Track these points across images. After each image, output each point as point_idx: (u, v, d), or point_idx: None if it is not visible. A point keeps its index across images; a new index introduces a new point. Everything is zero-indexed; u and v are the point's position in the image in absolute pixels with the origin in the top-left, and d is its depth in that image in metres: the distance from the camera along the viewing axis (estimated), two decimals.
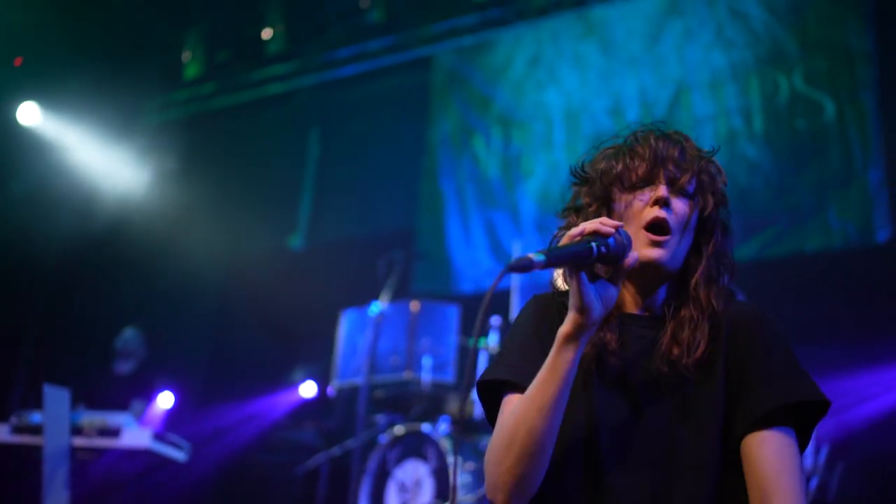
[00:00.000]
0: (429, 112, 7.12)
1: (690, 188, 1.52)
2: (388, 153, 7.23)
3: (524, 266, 1.27)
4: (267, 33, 7.65)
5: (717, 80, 5.87)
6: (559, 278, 1.59)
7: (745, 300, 1.58)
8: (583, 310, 1.35)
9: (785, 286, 5.02)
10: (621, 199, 1.52)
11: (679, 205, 1.49)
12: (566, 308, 1.40)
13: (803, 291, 5.03)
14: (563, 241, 1.36)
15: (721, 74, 5.87)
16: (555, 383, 1.37)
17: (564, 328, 1.38)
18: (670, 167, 1.51)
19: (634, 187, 1.51)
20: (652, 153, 1.51)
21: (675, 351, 1.45)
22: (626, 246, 1.38)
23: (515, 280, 5.14)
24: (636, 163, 1.52)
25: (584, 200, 1.58)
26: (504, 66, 6.85)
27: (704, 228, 1.53)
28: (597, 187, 1.56)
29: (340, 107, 7.68)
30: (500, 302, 5.29)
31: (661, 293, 1.53)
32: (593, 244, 1.33)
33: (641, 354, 1.49)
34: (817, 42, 5.60)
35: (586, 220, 1.42)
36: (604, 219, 1.38)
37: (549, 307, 1.59)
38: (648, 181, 1.51)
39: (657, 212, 1.47)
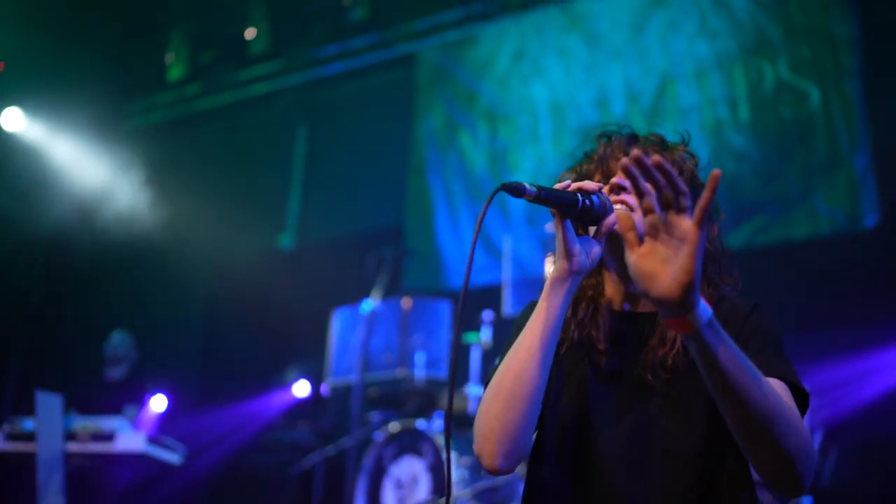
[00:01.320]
0: (414, 108, 7.12)
1: None
2: (376, 150, 7.23)
3: (517, 188, 1.35)
4: (250, 33, 7.62)
5: (702, 70, 5.89)
6: (550, 266, 1.61)
7: (732, 292, 1.57)
8: (567, 255, 1.42)
9: (774, 274, 5.04)
10: None
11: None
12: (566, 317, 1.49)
13: (792, 279, 5.06)
14: (555, 187, 1.44)
15: (706, 64, 5.89)
16: (541, 327, 1.42)
17: (552, 275, 1.45)
18: (620, 156, 1.57)
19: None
20: (600, 155, 1.61)
21: (661, 352, 1.47)
22: (607, 206, 1.45)
23: (508, 275, 5.16)
24: (587, 167, 1.62)
25: None
26: (488, 60, 6.85)
27: None
28: None
29: (326, 105, 7.66)
30: (492, 296, 5.31)
31: None
32: (579, 195, 1.42)
33: (630, 350, 1.51)
34: (801, 30, 5.62)
35: None
36: (587, 181, 1.47)
37: None
38: (608, 177, 1.57)
39: (612, 195, 1.51)
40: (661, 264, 1.16)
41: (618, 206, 1.48)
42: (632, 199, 1.50)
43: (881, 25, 5.40)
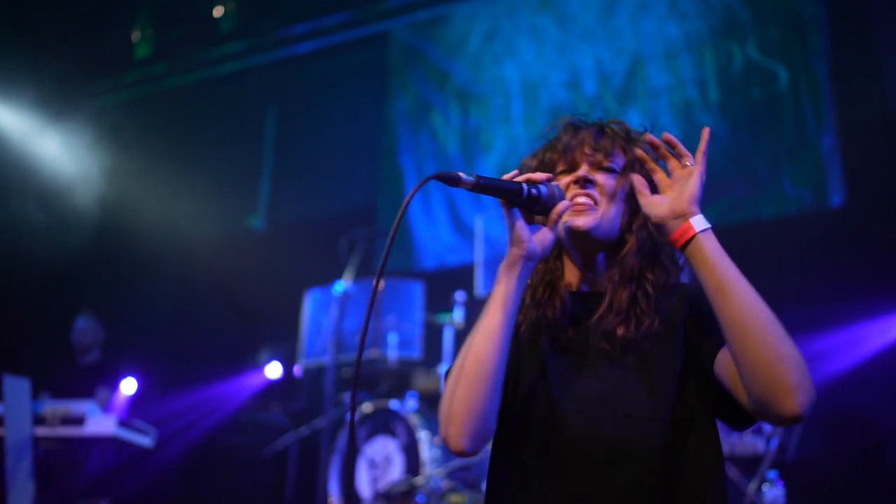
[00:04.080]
0: (386, 88, 7.07)
1: (615, 164, 1.60)
2: (347, 130, 7.18)
3: (451, 178, 1.39)
4: (218, 11, 7.51)
5: (672, 52, 5.92)
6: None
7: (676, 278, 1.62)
8: (516, 241, 1.48)
9: (742, 252, 5.08)
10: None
11: (603, 178, 1.59)
12: (524, 302, 1.59)
13: (760, 257, 5.12)
14: (503, 178, 1.49)
15: (676, 45, 5.92)
16: (496, 311, 1.47)
17: (504, 262, 1.50)
18: (586, 150, 1.60)
19: (563, 174, 1.62)
20: (563, 144, 1.63)
21: (619, 330, 1.52)
22: (556, 195, 1.49)
23: (480, 255, 5.17)
24: (551, 156, 1.64)
25: None
26: (461, 40, 6.83)
27: (635, 202, 1.57)
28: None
29: (297, 85, 7.59)
30: (464, 277, 5.33)
31: (601, 267, 1.61)
32: (524, 185, 1.46)
33: (586, 324, 1.56)
34: (770, 11, 5.67)
35: None
36: (537, 172, 1.52)
37: None
38: (573, 167, 1.61)
39: (577, 189, 1.57)
40: (675, 192, 1.46)
41: (581, 199, 1.55)
42: (595, 192, 1.57)
43: (846, 6, 5.46)
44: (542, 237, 1.50)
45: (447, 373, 1.59)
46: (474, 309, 5.03)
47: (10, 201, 6.88)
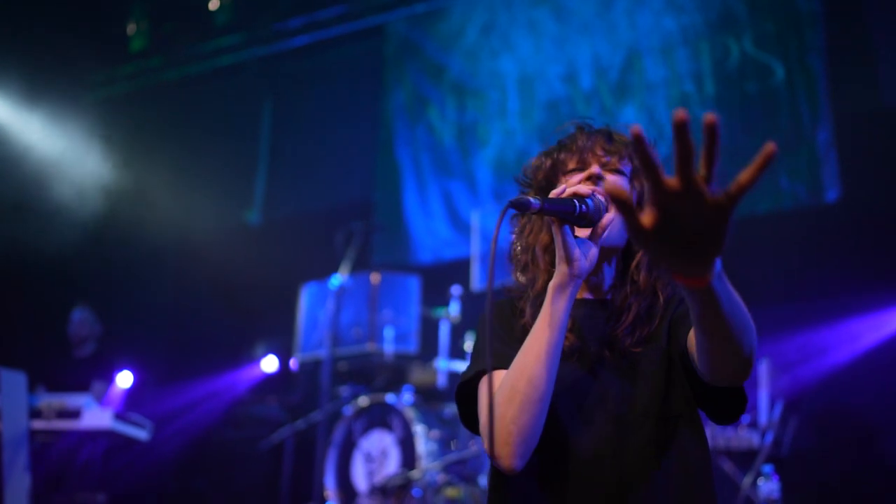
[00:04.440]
0: (383, 81, 7.06)
1: (625, 168, 1.62)
2: (344, 124, 7.17)
3: (523, 204, 1.41)
4: (214, 4, 7.48)
5: (669, 45, 5.92)
6: (517, 273, 1.69)
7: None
8: (569, 261, 1.47)
9: (737, 247, 5.10)
10: (561, 184, 1.62)
11: (613, 179, 1.60)
12: (519, 309, 1.62)
13: (755, 252, 5.14)
14: (551, 195, 1.49)
15: (672, 39, 5.92)
16: (549, 331, 1.47)
17: (554, 280, 1.49)
18: (598, 152, 1.62)
19: (573, 172, 1.63)
20: (579, 146, 1.64)
21: (626, 341, 1.56)
22: (602, 207, 1.49)
23: (476, 249, 5.17)
24: (565, 156, 1.65)
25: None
26: (457, 33, 6.81)
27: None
28: (540, 181, 1.68)
29: (293, 78, 7.57)
30: (460, 271, 5.33)
31: (608, 276, 1.63)
32: (576, 201, 1.46)
33: (589, 331, 1.60)
34: (766, 5, 5.67)
35: None
36: (580, 185, 1.52)
37: (503, 309, 1.71)
38: (582, 168, 1.62)
39: (587, 186, 1.56)
40: (681, 236, 1.01)
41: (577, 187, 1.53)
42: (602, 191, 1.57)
43: (842, 1, 5.46)
44: (591, 253, 1.50)
45: (461, 384, 1.61)
46: (470, 303, 5.05)
47: (3, 193, 6.86)
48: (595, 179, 1.58)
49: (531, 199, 1.40)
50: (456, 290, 5.02)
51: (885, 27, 5.31)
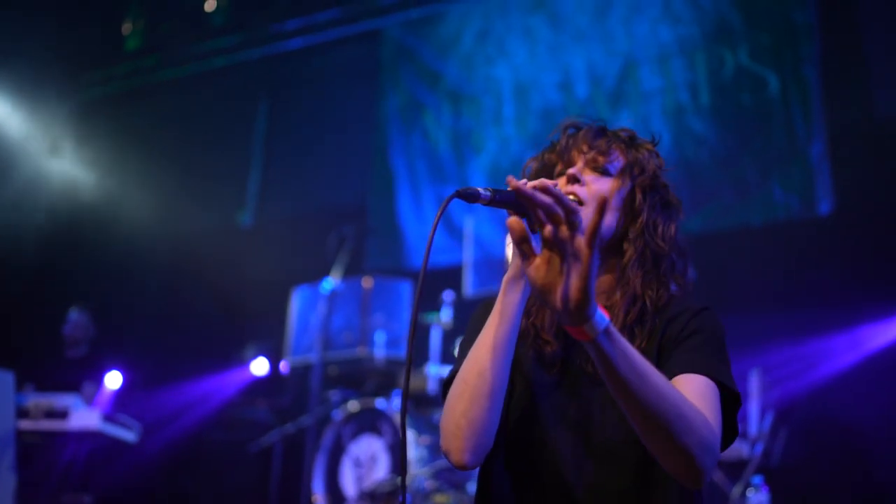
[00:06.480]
0: (378, 86, 7.06)
1: (611, 167, 1.58)
2: (338, 127, 7.16)
3: (471, 195, 1.32)
4: (210, 5, 7.47)
5: (665, 55, 5.93)
6: (509, 250, 1.62)
7: (679, 291, 1.59)
8: (524, 254, 1.42)
9: (730, 258, 5.13)
10: None
11: (594, 180, 1.55)
12: None
13: (748, 263, 5.15)
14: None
15: (668, 49, 5.93)
16: (501, 324, 1.44)
17: (508, 273, 1.46)
18: (584, 148, 1.58)
19: (560, 174, 1.59)
20: (563, 143, 1.60)
21: None
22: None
23: (469, 255, 5.17)
24: (552, 157, 1.62)
25: None
26: (453, 39, 6.82)
27: (632, 210, 1.56)
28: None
29: (288, 80, 7.56)
30: (453, 277, 5.32)
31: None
32: None
33: (574, 345, 1.53)
34: (761, 17, 5.69)
35: None
36: (543, 179, 1.44)
37: (489, 309, 1.65)
38: (569, 167, 1.58)
39: (567, 186, 1.53)
40: (557, 276, 1.15)
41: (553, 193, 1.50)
42: (582, 191, 1.53)
43: (837, 14, 5.49)
44: None
45: (445, 382, 1.57)
46: (462, 309, 5.04)
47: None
48: (571, 180, 1.54)
49: (480, 190, 1.32)
50: (448, 295, 5.01)
51: (879, 40, 5.34)
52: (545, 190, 1.13)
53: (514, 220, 1.16)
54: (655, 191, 1.59)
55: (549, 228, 1.15)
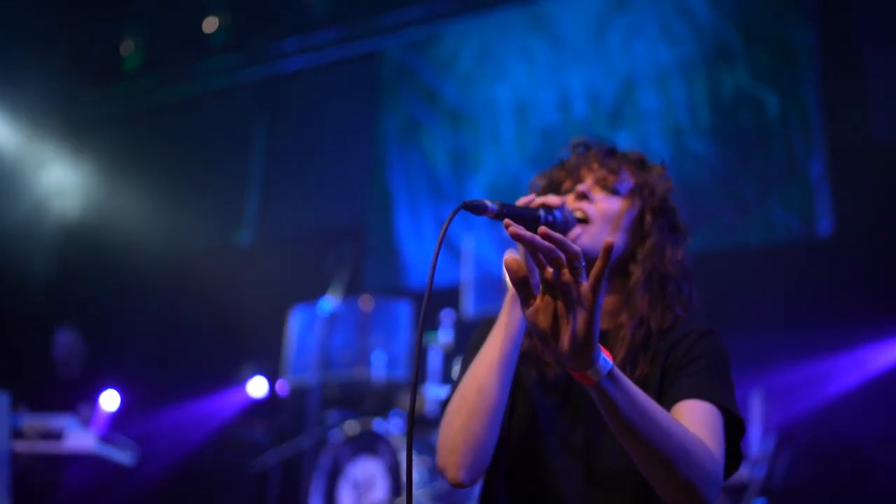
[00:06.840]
0: (377, 105, 7.07)
1: (620, 187, 1.57)
2: (338, 147, 7.17)
3: (478, 206, 1.31)
4: (210, 24, 7.50)
5: (664, 75, 5.95)
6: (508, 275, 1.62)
7: (684, 313, 1.57)
8: (523, 297, 1.40)
9: (730, 278, 5.11)
10: None
11: (603, 198, 1.55)
12: None
13: (748, 283, 5.13)
14: (518, 203, 1.45)
15: (667, 69, 5.95)
16: (501, 342, 1.43)
17: (511, 291, 1.45)
18: (594, 166, 1.58)
19: (568, 191, 1.59)
20: (573, 160, 1.61)
21: None
22: (570, 220, 1.47)
23: (469, 275, 5.15)
24: (561, 174, 1.63)
25: None
26: (452, 59, 6.84)
27: (640, 232, 1.55)
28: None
29: (288, 100, 7.58)
30: (452, 297, 5.30)
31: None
32: (542, 211, 1.43)
33: None
34: (761, 37, 5.71)
35: None
36: (551, 195, 1.47)
37: (491, 327, 1.64)
38: (578, 183, 1.59)
39: (575, 203, 1.54)
40: (557, 321, 1.09)
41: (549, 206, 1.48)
42: (591, 208, 1.52)
43: (836, 33, 5.51)
44: None
45: (445, 402, 1.56)
46: (462, 329, 5.01)
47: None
48: (579, 196, 1.54)
49: (488, 203, 1.30)
50: (447, 315, 4.98)
51: (877, 62, 5.35)
52: (546, 236, 1.06)
53: (510, 259, 1.10)
54: (665, 214, 1.58)
55: (549, 271, 1.08)
